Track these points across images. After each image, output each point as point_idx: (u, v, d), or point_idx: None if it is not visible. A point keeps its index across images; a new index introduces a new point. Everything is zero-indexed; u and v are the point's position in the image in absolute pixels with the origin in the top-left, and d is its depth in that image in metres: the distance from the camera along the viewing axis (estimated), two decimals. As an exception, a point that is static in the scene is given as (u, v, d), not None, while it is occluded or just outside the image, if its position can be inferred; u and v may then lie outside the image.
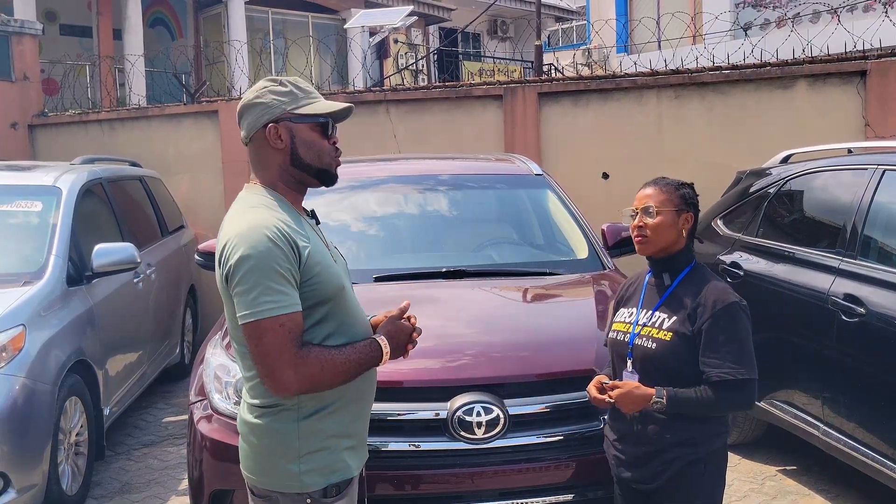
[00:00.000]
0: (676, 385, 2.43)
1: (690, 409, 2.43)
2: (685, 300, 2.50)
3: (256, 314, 1.95)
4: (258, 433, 2.09)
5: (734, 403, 2.48)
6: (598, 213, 5.32)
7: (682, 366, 2.45)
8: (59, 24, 15.38)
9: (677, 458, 2.47)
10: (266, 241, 1.96)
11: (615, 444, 2.62)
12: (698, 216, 2.62)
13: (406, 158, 6.04)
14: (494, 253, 4.45)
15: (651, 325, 2.53)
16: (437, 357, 3.20)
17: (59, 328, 4.39)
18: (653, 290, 2.61)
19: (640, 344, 2.53)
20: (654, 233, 2.54)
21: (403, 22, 12.52)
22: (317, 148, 2.14)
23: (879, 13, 7.97)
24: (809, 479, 4.57)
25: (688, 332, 2.46)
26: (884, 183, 4.01)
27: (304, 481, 2.06)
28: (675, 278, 2.57)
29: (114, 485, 4.78)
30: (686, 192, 2.59)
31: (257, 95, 2.13)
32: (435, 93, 7.67)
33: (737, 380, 2.39)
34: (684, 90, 6.76)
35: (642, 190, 2.62)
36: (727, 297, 2.46)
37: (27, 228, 4.95)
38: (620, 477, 2.62)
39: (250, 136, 2.14)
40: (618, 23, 12.99)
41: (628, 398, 2.44)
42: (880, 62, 6.07)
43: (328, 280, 2.06)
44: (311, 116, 2.13)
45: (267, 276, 1.95)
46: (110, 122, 8.79)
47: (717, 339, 2.42)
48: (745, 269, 4.79)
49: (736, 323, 2.44)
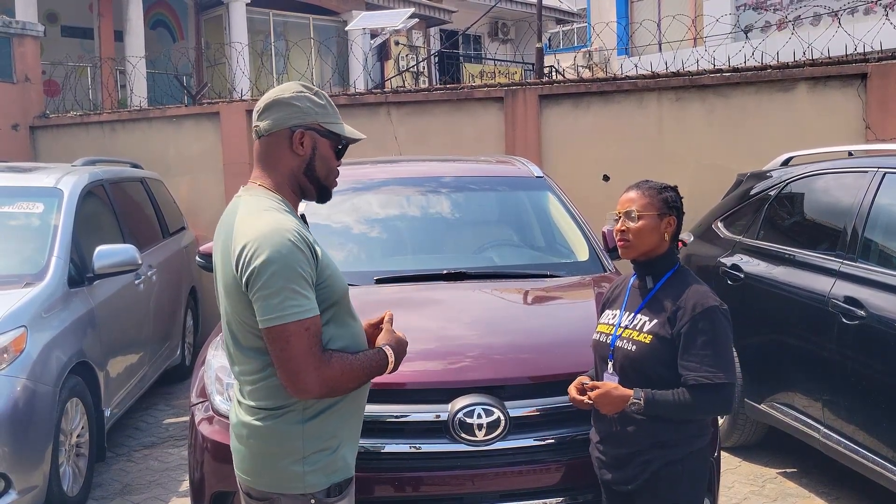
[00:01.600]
0: (656, 388, 2.44)
1: (668, 412, 2.43)
2: (666, 303, 2.51)
3: (283, 317, 1.95)
4: (261, 435, 2.09)
5: (711, 407, 2.49)
6: (599, 215, 5.33)
7: (661, 369, 2.47)
8: (61, 26, 15.39)
9: (654, 459, 2.49)
10: (289, 244, 1.98)
11: (598, 445, 2.65)
12: (682, 219, 2.62)
13: (407, 160, 6.04)
14: (495, 255, 4.45)
15: (632, 328, 2.55)
16: (438, 359, 3.20)
17: (61, 330, 4.40)
18: (636, 293, 2.63)
19: (621, 346, 2.55)
20: (636, 237, 2.55)
21: (404, 24, 12.53)
22: (329, 165, 2.19)
23: (880, 16, 7.97)
24: (810, 482, 4.58)
25: (667, 335, 2.47)
26: (884, 186, 4.01)
27: (308, 481, 2.07)
28: (657, 281, 2.58)
29: (115, 486, 4.78)
30: (669, 196, 2.59)
31: (294, 96, 2.14)
32: (436, 95, 7.68)
33: (713, 384, 2.40)
34: (685, 92, 6.77)
35: (626, 193, 2.62)
36: (707, 300, 2.47)
37: (28, 230, 4.96)
38: (603, 479, 2.65)
39: (270, 132, 2.14)
40: (618, 25, 13.00)
41: (607, 399, 2.46)
42: (881, 65, 6.07)
43: (337, 283, 2.10)
44: (336, 136, 2.18)
45: (292, 280, 1.96)
46: (111, 124, 8.80)
47: (695, 342, 2.42)
48: (746, 272, 4.80)
49: (715, 327, 2.44)
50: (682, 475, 2.50)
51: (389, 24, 12.56)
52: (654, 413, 2.43)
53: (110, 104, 10.12)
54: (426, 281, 3.97)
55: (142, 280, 5.79)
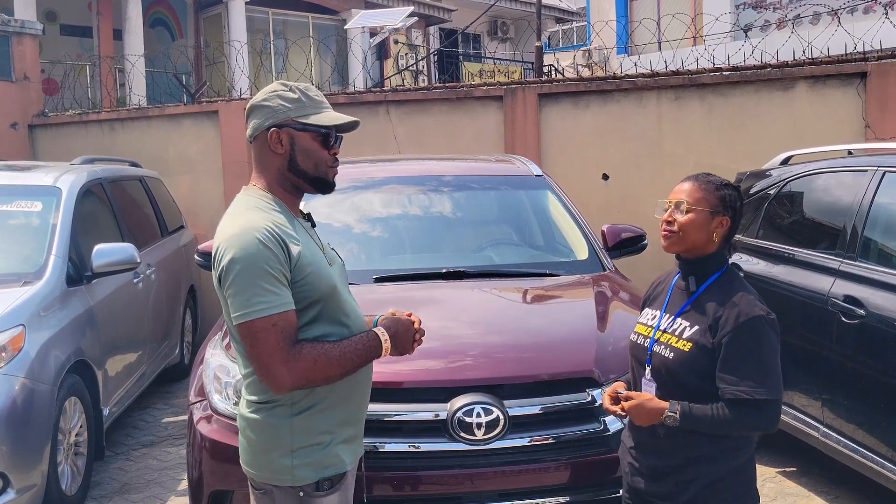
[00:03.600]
0: (694, 399, 2.27)
1: (705, 427, 2.26)
2: (709, 309, 2.31)
3: (249, 315, 2.00)
4: (254, 428, 2.16)
5: (752, 425, 2.29)
6: (598, 214, 5.32)
7: (700, 380, 2.29)
8: (60, 25, 15.38)
9: (696, 478, 2.31)
10: (256, 243, 2.01)
11: (631, 451, 2.47)
12: (738, 222, 2.41)
13: (406, 159, 6.04)
14: (494, 254, 4.45)
15: (671, 333, 2.37)
16: (437, 358, 3.20)
17: (59, 328, 4.39)
18: (678, 294, 2.44)
19: (658, 351, 2.38)
20: (681, 230, 2.34)
21: (404, 23, 12.51)
22: (315, 157, 2.18)
23: (880, 15, 7.96)
24: (809, 481, 4.57)
25: (708, 345, 2.28)
26: (884, 185, 4.01)
27: (297, 475, 2.11)
28: (701, 284, 2.38)
29: (113, 485, 4.78)
30: (727, 194, 2.38)
31: (266, 98, 2.19)
32: (435, 94, 7.67)
33: (753, 399, 2.21)
34: (684, 91, 6.76)
35: (680, 184, 2.42)
36: (753, 309, 2.27)
37: (27, 229, 4.95)
38: (634, 486, 2.47)
39: (254, 136, 2.20)
40: (618, 24, 13.00)
41: (640, 411, 2.30)
42: (880, 64, 6.07)
43: (319, 280, 2.11)
44: (314, 126, 2.17)
45: (258, 277, 2.00)
46: (110, 123, 8.78)
47: (736, 354, 2.24)
48: (746, 271, 4.79)
49: (760, 338, 2.25)
50: (726, 494, 2.33)
51: (389, 23, 12.54)
52: (691, 427, 2.26)
53: (109, 103, 10.12)
54: (425, 280, 3.97)
55: (140, 279, 5.79)
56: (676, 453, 2.33)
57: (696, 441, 2.30)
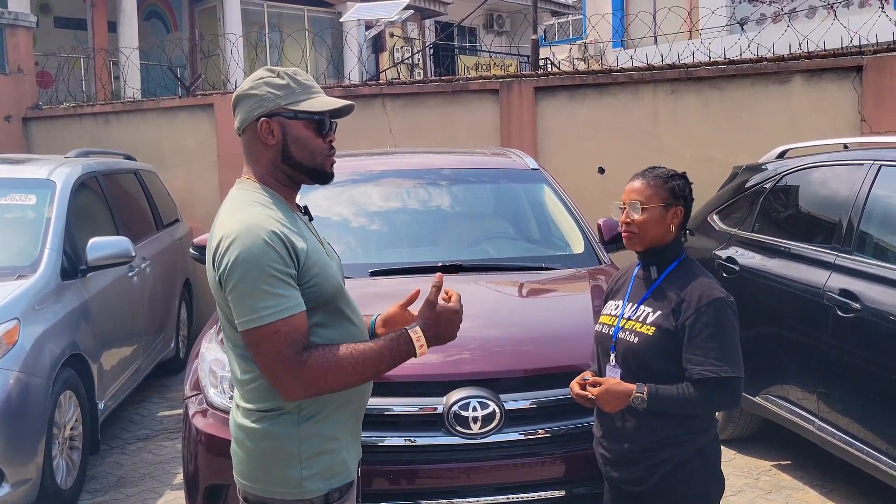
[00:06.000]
0: (659, 381, 2.36)
1: (672, 407, 2.34)
2: (671, 294, 2.42)
3: (253, 321, 1.87)
4: (256, 438, 2.00)
5: (717, 402, 2.40)
6: (595, 208, 5.31)
7: (664, 362, 2.38)
8: (54, 17, 15.30)
9: (663, 461, 2.40)
10: (262, 243, 1.88)
11: (601, 441, 2.56)
12: (690, 208, 2.53)
13: (402, 152, 6.02)
14: (491, 247, 4.44)
15: (635, 319, 2.46)
16: (434, 352, 3.16)
17: (54, 322, 4.38)
18: (640, 284, 2.54)
19: (624, 338, 2.46)
20: (641, 229, 2.46)
21: (399, 16, 12.48)
22: (310, 146, 2.04)
23: (875, 8, 7.96)
24: (804, 474, 4.58)
25: (671, 328, 2.38)
26: (880, 178, 4.01)
27: (307, 487, 1.98)
28: (662, 272, 2.49)
29: (109, 479, 4.77)
30: (675, 185, 2.49)
31: (252, 86, 2.05)
32: (431, 87, 7.66)
33: (719, 378, 2.31)
34: (680, 85, 6.76)
35: (631, 182, 2.51)
36: (713, 292, 2.38)
37: (21, 222, 4.93)
38: (608, 476, 2.55)
39: (243, 128, 2.07)
40: (614, 17, 12.96)
41: (609, 395, 2.37)
42: (876, 57, 6.07)
43: (326, 281, 1.99)
44: (306, 113, 2.03)
45: (263, 281, 1.86)
46: (105, 116, 8.76)
47: (700, 335, 2.34)
48: (741, 265, 4.80)
49: (721, 319, 2.36)
50: (692, 474, 2.40)
51: (384, 16, 12.51)
52: (658, 408, 2.34)
53: (104, 96, 10.07)
54: (421, 273, 3.96)
55: (135, 272, 5.77)
56: (643, 437, 2.42)
57: (661, 424, 2.39)
